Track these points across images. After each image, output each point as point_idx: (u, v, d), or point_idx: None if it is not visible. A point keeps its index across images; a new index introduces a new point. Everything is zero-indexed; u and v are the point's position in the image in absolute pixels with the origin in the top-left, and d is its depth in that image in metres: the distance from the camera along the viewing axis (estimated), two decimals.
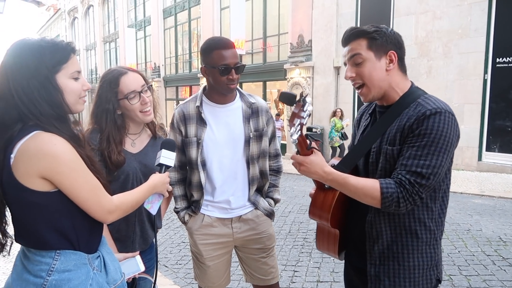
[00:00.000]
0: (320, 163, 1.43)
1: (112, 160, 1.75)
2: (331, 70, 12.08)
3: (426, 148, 1.35)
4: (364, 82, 1.49)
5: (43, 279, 1.26)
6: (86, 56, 32.73)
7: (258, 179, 2.12)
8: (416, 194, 1.35)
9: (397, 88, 1.50)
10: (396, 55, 1.48)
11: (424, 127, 1.36)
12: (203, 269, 2.13)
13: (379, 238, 1.50)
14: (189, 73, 19.37)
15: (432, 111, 1.37)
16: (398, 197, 1.35)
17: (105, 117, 1.79)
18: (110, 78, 1.80)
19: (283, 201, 6.85)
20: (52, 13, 41.29)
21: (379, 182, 1.38)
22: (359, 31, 1.49)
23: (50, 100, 1.26)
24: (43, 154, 1.20)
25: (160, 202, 1.65)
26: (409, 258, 1.47)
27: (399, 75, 1.51)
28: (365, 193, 1.39)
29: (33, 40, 1.29)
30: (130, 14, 25.01)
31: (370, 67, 1.47)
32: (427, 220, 1.46)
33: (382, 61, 1.47)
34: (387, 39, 1.47)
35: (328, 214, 1.54)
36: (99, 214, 1.33)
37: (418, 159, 1.35)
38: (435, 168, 1.35)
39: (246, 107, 2.06)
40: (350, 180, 1.41)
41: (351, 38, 1.50)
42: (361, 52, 1.47)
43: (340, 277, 3.70)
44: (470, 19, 8.92)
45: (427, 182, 1.35)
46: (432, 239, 1.48)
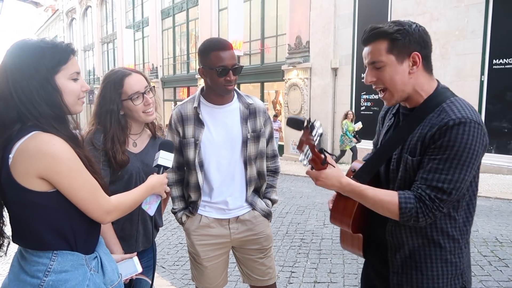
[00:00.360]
0: (336, 176, 1.40)
1: (117, 160, 1.78)
2: (328, 71, 12.10)
3: (448, 161, 1.28)
4: (386, 87, 1.41)
5: (40, 279, 1.26)
6: (84, 57, 32.67)
7: (256, 180, 2.13)
8: (437, 209, 1.30)
9: (422, 91, 1.41)
10: (420, 56, 1.37)
11: (447, 139, 1.28)
12: (201, 270, 2.13)
13: (400, 248, 1.46)
14: (187, 74, 19.36)
15: (455, 121, 1.28)
16: (417, 212, 1.31)
17: (109, 118, 1.81)
18: (114, 79, 1.82)
19: (280, 202, 6.85)
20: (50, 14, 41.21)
21: (397, 196, 1.34)
22: (379, 32, 1.38)
23: (49, 101, 1.26)
24: (42, 154, 1.21)
25: (158, 203, 1.66)
26: (432, 268, 1.42)
27: (424, 76, 1.41)
28: (383, 206, 1.36)
29: (33, 41, 1.30)
30: (128, 15, 25.00)
31: (391, 72, 1.38)
32: (450, 229, 1.40)
33: (405, 64, 1.37)
34: (411, 38, 1.35)
35: (349, 220, 1.50)
36: (97, 215, 1.33)
37: (440, 173, 1.29)
38: (457, 183, 1.29)
39: (244, 108, 2.07)
40: (368, 192, 1.38)
41: (371, 39, 1.40)
42: (380, 58, 1.38)
43: (337, 278, 3.71)
44: (467, 21, 8.95)
45: (448, 197, 1.30)
46: (457, 248, 1.41)
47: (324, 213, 6.10)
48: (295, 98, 13.06)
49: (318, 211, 6.29)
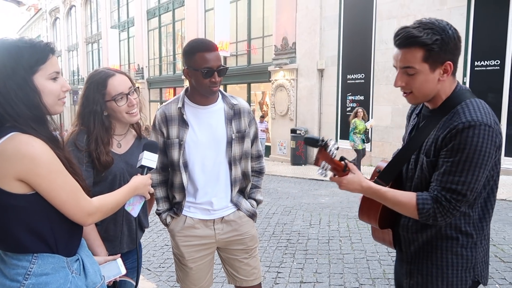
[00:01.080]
0: (357, 181, 1.52)
1: (101, 161, 1.76)
2: (315, 72, 12.17)
3: (461, 164, 1.34)
4: (413, 91, 1.46)
5: (20, 283, 1.24)
6: (68, 57, 32.22)
7: (241, 180, 2.13)
8: (454, 209, 1.37)
9: (443, 94, 1.47)
10: (452, 66, 1.41)
11: (457, 141, 1.34)
12: (185, 271, 2.12)
13: (414, 241, 1.55)
14: (173, 75, 19.25)
15: (465, 124, 1.33)
16: (435, 212, 1.38)
17: (92, 119, 1.79)
18: (98, 80, 1.80)
19: (267, 203, 6.87)
20: (33, 13, 40.55)
21: (415, 198, 1.42)
22: (416, 41, 1.37)
23: (27, 102, 1.24)
24: (20, 155, 1.18)
25: (142, 204, 1.65)
26: (442, 258, 1.49)
27: (450, 80, 1.46)
28: (402, 207, 1.46)
29: (10, 40, 1.27)
30: (113, 15, 24.74)
31: (422, 80, 1.41)
32: (463, 225, 1.46)
33: (436, 72, 1.41)
34: (447, 48, 1.37)
35: (376, 216, 1.60)
36: (78, 217, 1.31)
37: (453, 175, 1.35)
38: (471, 184, 1.35)
39: (228, 109, 2.07)
40: (388, 194, 1.48)
41: (406, 45, 1.40)
42: (415, 65, 1.40)
43: (322, 278, 3.73)
44: None
45: (464, 198, 1.36)
46: (470, 242, 1.47)
47: (311, 214, 6.13)
48: (282, 99, 13.11)
49: (305, 211, 6.32)
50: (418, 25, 1.41)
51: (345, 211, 6.24)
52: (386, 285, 3.56)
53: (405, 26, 1.43)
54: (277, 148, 13.58)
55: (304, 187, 8.63)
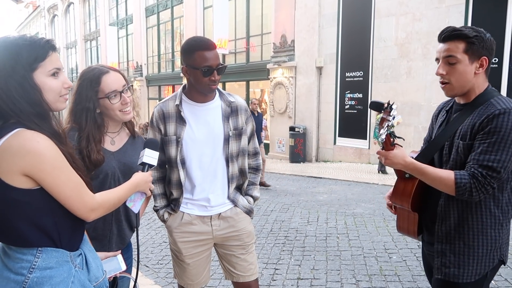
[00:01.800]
0: (402, 156, 1.64)
1: (92, 159, 1.74)
2: (313, 70, 12.18)
3: (496, 144, 1.51)
4: (451, 81, 1.64)
5: (24, 276, 1.26)
6: (67, 54, 32.14)
7: (238, 177, 2.16)
8: (488, 184, 1.52)
9: (477, 89, 1.65)
10: (487, 61, 1.61)
11: (494, 125, 1.52)
12: (183, 267, 2.15)
13: (447, 219, 1.68)
14: (171, 72, 19.23)
15: (501, 110, 1.52)
16: (471, 187, 1.53)
17: (85, 116, 1.77)
18: (91, 77, 1.78)
19: (265, 200, 6.89)
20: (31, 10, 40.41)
21: (454, 173, 1.56)
22: (461, 34, 1.59)
23: (29, 99, 1.26)
24: (25, 151, 1.21)
25: (143, 200, 1.68)
26: (474, 239, 1.64)
27: (483, 77, 1.65)
28: (441, 181, 1.59)
29: (10, 39, 1.29)
30: (112, 12, 24.68)
31: (461, 69, 1.60)
32: (492, 207, 1.62)
33: (474, 65, 1.61)
34: (484, 45, 1.59)
35: (409, 199, 1.75)
36: (82, 212, 1.34)
37: (489, 154, 1.52)
38: (505, 162, 1.51)
39: (226, 106, 2.09)
40: (429, 170, 1.62)
41: (451, 38, 1.61)
42: (457, 54, 1.60)
43: (320, 274, 3.76)
44: (448, 21, 9.12)
45: (498, 175, 1.52)
46: (497, 224, 1.63)
47: (308, 211, 6.16)
48: (280, 97, 13.12)
49: (303, 209, 6.35)
50: (461, 26, 1.64)
51: (343, 209, 6.27)
52: (382, 281, 3.59)
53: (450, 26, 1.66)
54: (276, 146, 13.60)
55: (302, 185, 8.66)
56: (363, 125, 11.13)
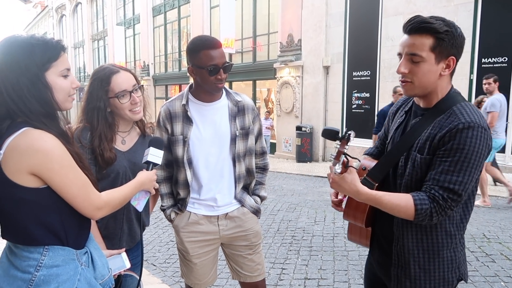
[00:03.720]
0: (351, 183, 1.43)
1: (105, 157, 1.77)
2: (320, 69, 12.13)
3: (459, 164, 1.36)
4: (413, 80, 1.45)
5: (31, 274, 1.27)
6: (74, 54, 32.36)
7: (245, 177, 2.15)
8: (449, 208, 1.39)
9: (439, 93, 1.47)
10: (455, 62, 1.43)
11: (457, 141, 1.35)
12: (190, 266, 2.14)
13: (403, 240, 1.54)
14: (178, 72, 19.28)
15: (465, 124, 1.35)
16: (431, 212, 1.39)
17: (96, 115, 1.79)
18: (102, 76, 1.80)
19: (272, 200, 6.88)
20: (39, 10, 40.72)
21: (412, 199, 1.40)
22: (430, 27, 1.38)
23: (40, 98, 1.27)
24: (33, 150, 1.21)
25: (147, 199, 1.68)
26: (430, 262, 1.51)
27: (447, 80, 1.48)
28: (399, 211, 1.43)
29: (23, 37, 1.29)
30: (119, 12, 24.80)
31: (425, 69, 1.41)
32: (447, 225, 1.48)
33: (440, 65, 1.42)
34: (454, 42, 1.40)
35: (363, 216, 1.59)
36: (88, 211, 1.35)
37: (451, 174, 1.37)
38: (467, 184, 1.38)
39: (232, 105, 2.08)
40: (384, 199, 1.43)
41: (418, 31, 1.40)
42: (422, 53, 1.40)
43: (327, 274, 3.75)
44: (457, 20, 9.01)
45: (459, 198, 1.38)
46: (452, 243, 1.51)
47: (315, 211, 6.14)
48: (287, 96, 13.09)
49: (309, 208, 6.32)
50: (430, 16, 1.42)
51: None
52: None
53: (418, 15, 1.44)
54: (282, 145, 13.57)
55: (309, 184, 8.63)
56: (370, 124, 11.06)
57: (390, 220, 1.57)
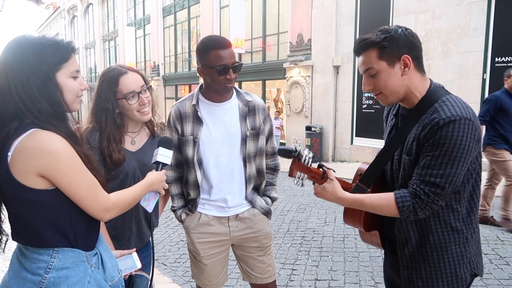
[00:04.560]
0: (332, 191, 1.50)
1: (113, 159, 1.77)
2: (330, 69, 12.06)
3: (440, 157, 1.36)
4: (382, 91, 1.49)
5: (41, 276, 1.26)
6: (86, 54, 32.66)
7: (255, 178, 2.13)
8: (432, 202, 1.39)
9: (416, 92, 1.48)
10: (410, 58, 1.45)
11: (438, 137, 1.36)
12: (200, 267, 2.14)
13: (408, 242, 1.54)
14: (188, 72, 19.34)
15: (445, 120, 1.35)
16: (415, 207, 1.40)
17: (104, 116, 1.80)
18: (110, 77, 1.81)
19: (282, 200, 6.86)
20: (52, 11, 41.19)
21: (394, 197, 1.43)
22: (367, 43, 1.47)
23: (49, 98, 1.26)
24: (41, 152, 1.21)
25: (157, 200, 1.66)
26: (439, 259, 1.50)
27: (417, 76, 1.48)
28: (382, 209, 1.47)
29: (34, 37, 1.29)
30: (130, 13, 24.97)
31: (384, 77, 1.46)
32: (453, 221, 1.47)
33: (396, 67, 1.45)
34: (398, 43, 1.44)
35: (360, 220, 1.61)
36: (97, 212, 1.34)
37: (432, 168, 1.38)
38: (449, 177, 1.37)
39: (243, 105, 2.07)
40: (366, 202, 1.49)
41: (361, 50, 1.49)
42: (373, 65, 1.46)
43: (338, 276, 3.72)
44: (469, 19, 8.92)
45: (442, 191, 1.38)
46: (462, 238, 1.49)
47: (326, 211, 6.10)
48: (297, 96, 13.05)
49: (320, 209, 6.29)
50: (369, 34, 1.50)
51: None
52: None
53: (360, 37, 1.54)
54: (292, 145, 13.52)
55: None
56: (380, 125, 10.88)
57: (392, 223, 1.58)
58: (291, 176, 1.49)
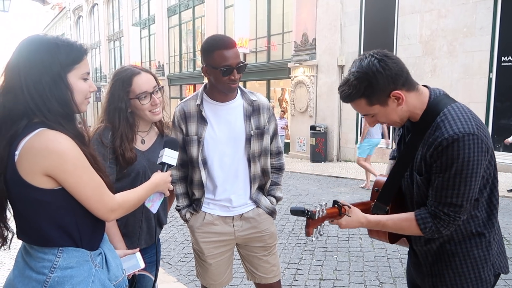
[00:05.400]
0: (355, 220, 1.54)
1: (126, 157, 1.79)
2: (335, 68, 12.04)
3: (451, 178, 1.36)
4: (386, 122, 1.54)
5: (46, 275, 1.27)
6: (91, 54, 32.75)
7: (260, 177, 2.13)
8: (454, 219, 1.40)
9: (417, 110, 1.47)
10: (400, 93, 1.41)
11: (444, 158, 1.35)
12: (205, 267, 2.14)
13: (429, 250, 1.55)
14: (193, 72, 19.38)
15: (449, 140, 1.33)
16: (437, 227, 1.42)
17: (117, 116, 1.82)
18: (123, 77, 1.83)
19: (286, 199, 6.85)
20: (57, 11, 41.38)
21: (415, 219, 1.45)
22: (351, 96, 1.44)
23: (60, 98, 1.27)
24: (48, 151, 1.21)
25: (161, 200, 1.67)
26: (462, 265, 1.49)
27: (412, 96, 1.44)
28: (405, 231, 1.50)
29: (49, 37, 1.31)
30: (135, 13, 25.05)
31: (383, 115, 1.48)
32: (473, 228, 1.47)
33: (390, 102, 1.43)
34: (380, 85, 1.38)
35: (385, 235, 1.65)
36: (102, 212, 1.34)
37: (446, 189, 1.37)
38: (465, 195, 1.37)
39: (247, 105, 2.07)
40: (388, 224, 1.52)
41: (348, 101, 1.50)
42: (367, 111, 1.48)
43: (342, 275, 3.71)
44: (475, 18, 8.86)
45: (461, 209, 1.38)
46: (484, 242, 1.48)
47: None
48: (301, 96, 13.03)
49: None
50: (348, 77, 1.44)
51: None
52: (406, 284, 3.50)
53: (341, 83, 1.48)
54: (297, 145, 13.51)
55: (324, 184, 8.57)
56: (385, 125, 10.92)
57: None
58: (308, 236, 1.51)
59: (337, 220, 1.55)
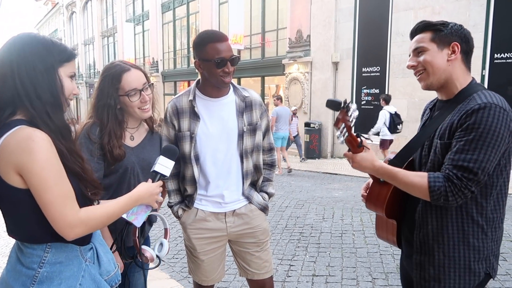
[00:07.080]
0: (369, 159, 1.53)
1: (114, 154, 1.77)
2: (329, 65, 12.06)
3: (474, 142, 1.36)
4: (425, 68, 1.53)
5: (35, 270, 1.28)
6: (84, 50, 32.56)
7: (252, 173, 2.13)
8: (465, 188, 1.37)
9: (457, 82, 1.52)
10: (459, 47, 1.50)
11: (472, 121, 1.37)
12: (197, 263, 2.14)
13: (425, 227, 1.54)
14: (187, 68, 19.31)
15: (481, 105, 1.37)
16: (446, 191, 1.38)
17: (106, 112, 1.80)
18: (113, 73, 1.81)
19: (280, 196, 6.87)
20: (50, 7, 41.01)
21: (427, 177, 1.42)
22: (425, 25, 1.54)
23: (51, 86, 1.27)
24: (20, 149, 1.19)
25: (148, 213, 1.57)
26: (454, 249, 1.49)
27: (462, 68, 1.53)
28: (414, 186, 1.45)
29: (43, 36, 1.35)
30: (129, 9, 24.88)
31: (430, 55, 1.51)
32: (475, 214, 1.47)
33: (444, 51, 1.51)
34: (452, 31, 1.51)
35: (383, 205, 1.61)
36: (58, 226, 1.23)
37: (466, 153, 1.37)
38: (483, 163, 1.36)
39: (240, 101, 2.06)
40: (399, 175, 1.48)
41: (418, 32, 1.56)
42: (423, 44, 1.52)
43: (335, 271, 3.72)
44: (469, 15, 8.90)
45: (475, 177, 1.37)
46: (481, 233, 1.48)
47: (324, 207, 6.11)
48: (296, 92, 13.04)
49: (318, 205, 6.30)
50: None
51: (359, 205, 6.20)
52: (399, 279, 3.52)
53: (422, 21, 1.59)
54: (291, 142, 13.52)
55: (317, 181, 8.60)
56: None
57: (413, 210, 1.59)
58: (336, 126, 1.51)
59: (351, 154, 1.55)
